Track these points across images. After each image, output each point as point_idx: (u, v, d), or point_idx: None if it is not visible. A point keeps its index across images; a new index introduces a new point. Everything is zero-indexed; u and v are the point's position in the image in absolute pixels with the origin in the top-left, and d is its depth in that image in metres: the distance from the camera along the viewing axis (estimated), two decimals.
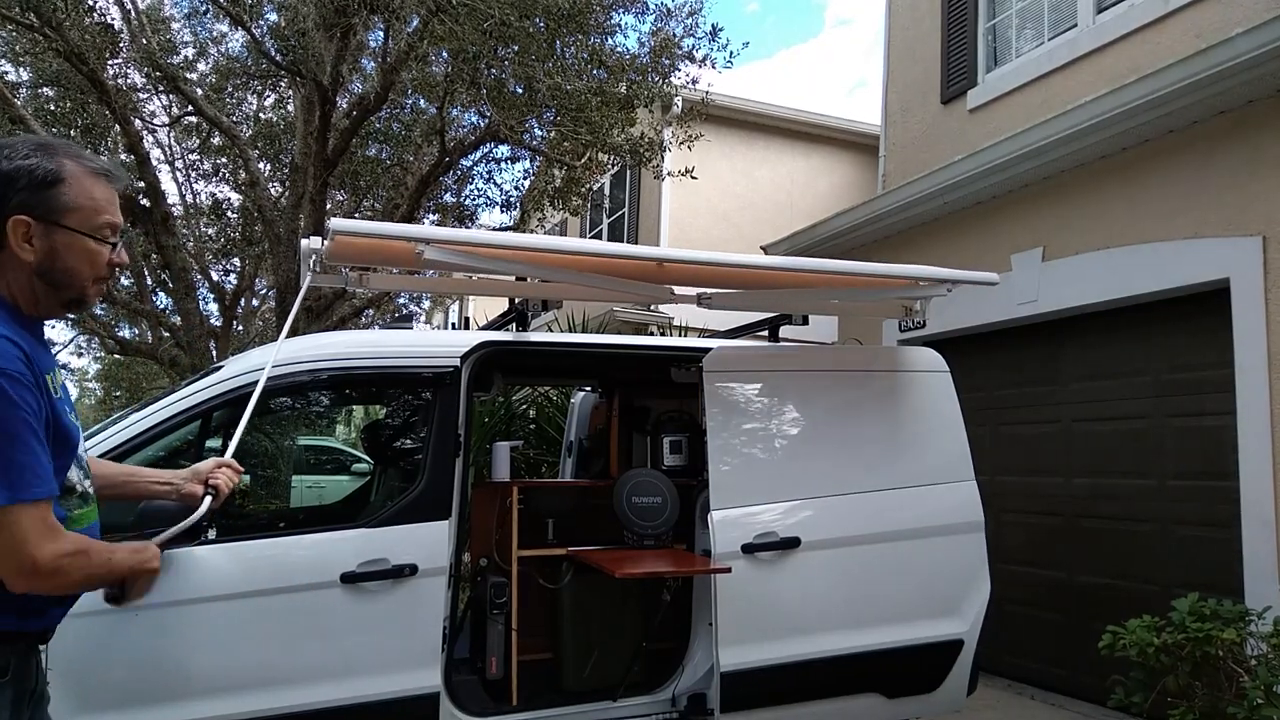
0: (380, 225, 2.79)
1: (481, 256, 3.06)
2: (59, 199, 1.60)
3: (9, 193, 1.57)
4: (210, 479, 2.05)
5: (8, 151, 1.59)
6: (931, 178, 6.18)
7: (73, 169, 1.62)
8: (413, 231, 2.91)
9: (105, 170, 1.69)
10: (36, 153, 1.61)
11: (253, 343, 13.60)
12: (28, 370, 1.50)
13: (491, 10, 6.24)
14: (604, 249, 3.37)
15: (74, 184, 1.62)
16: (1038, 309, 5.54)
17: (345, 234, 2.50)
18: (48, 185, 1.59)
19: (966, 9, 6.96)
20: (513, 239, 3.15)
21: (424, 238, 2.85)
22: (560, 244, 3.08)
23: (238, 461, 2.17)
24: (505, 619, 3.62)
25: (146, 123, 10.29)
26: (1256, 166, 4.45)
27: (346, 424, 19.24)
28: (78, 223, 1.62)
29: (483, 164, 10.75)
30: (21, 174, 1.58)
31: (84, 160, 1.66)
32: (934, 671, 3.67)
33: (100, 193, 1.66)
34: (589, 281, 3.35)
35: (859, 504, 3.62)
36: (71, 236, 1.61)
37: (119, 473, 2.10)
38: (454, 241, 2.98)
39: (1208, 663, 3.74)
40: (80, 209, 1.62)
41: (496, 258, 3.13)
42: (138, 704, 2.70)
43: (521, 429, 7.82)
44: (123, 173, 1.82)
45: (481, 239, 3.14)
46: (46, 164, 1.60)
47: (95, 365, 22.31)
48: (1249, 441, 4.40)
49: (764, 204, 11.25)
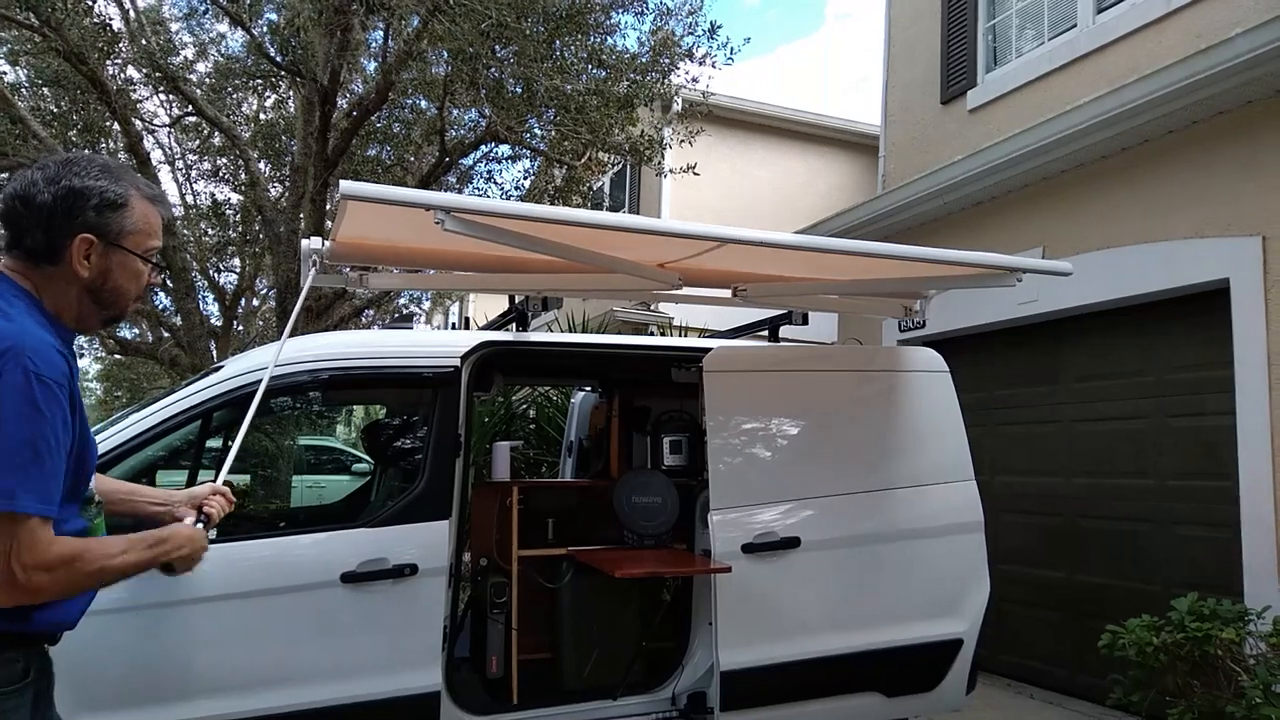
0: (395, 190, 2.43)
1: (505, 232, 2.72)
2: (123, 222, 1.68)
3: (77, 210, 1.62)
4: (205, 506, 2.07)
5: (77, 169, 1.65)
6: (931, 178, 6.19)
7: (135, 194, 1.70)
8: (431, 198, 2.49)
9: (158, 197, 1.78)
10: (105, 175, 1.67)
11: (253, 343, 13.60)
12: (68, 384, 1.54)
13: (489, 10, 6.24)
14: (648, 224, 2.94)
15: (136, 208, 1.70)
16: (1038, 309, 5.54)
17: (356, 198, 2.29)
18: (116, 208, 1.66)
19: (966, 9, 6.96)
20: (544, 210, 2.72)
21: (444, 205, 2.49)
22: (597, 218, 2.76)
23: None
24: (505, 619, 3.62)
25: (146, 123, 10.28)
26: (1256, 167, 4.45)
27: (346, 424, 19.24)
28: (133, 244, 1.70)
29: (483, 164, 10.76)
30: (93, 194, 1.64)
31: (142, 186, 1.74)
32: (934, 671, 3.67)
33: (154, 218, 1.75)
34: (600, 263, 3.18)
35: (859, 504, 3.62)
36: (126, 257, 1.69)
37: (118, 489, 2.12)
38: (477, 211, 2.58)
39: (1206, 662, 3.75)
40: (138, 232, 1.71)
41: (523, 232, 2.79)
42: (138, 704, 2.71)
43: (521, 429, 7.82)
44: (169, 200, 1.89)
45: (508, 209, 2.75)
46: (115, 188, 1.67)
47: (95, 365, 22.31)
48: (1249, 441, 4.40)
49: (764, 204, 11.24)
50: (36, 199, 1.61)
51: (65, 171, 1.63)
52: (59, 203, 1.61)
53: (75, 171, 1.63)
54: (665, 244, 3.14)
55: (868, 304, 4.27)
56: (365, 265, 3.75)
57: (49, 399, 1.49)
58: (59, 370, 1.52)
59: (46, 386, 1.48)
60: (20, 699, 1.56)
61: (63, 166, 1.64)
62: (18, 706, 1.55)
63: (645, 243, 3.14)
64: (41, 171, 1.64)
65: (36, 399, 1.47)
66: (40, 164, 1.67)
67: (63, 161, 1.66)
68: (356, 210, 2.56)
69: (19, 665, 1.56)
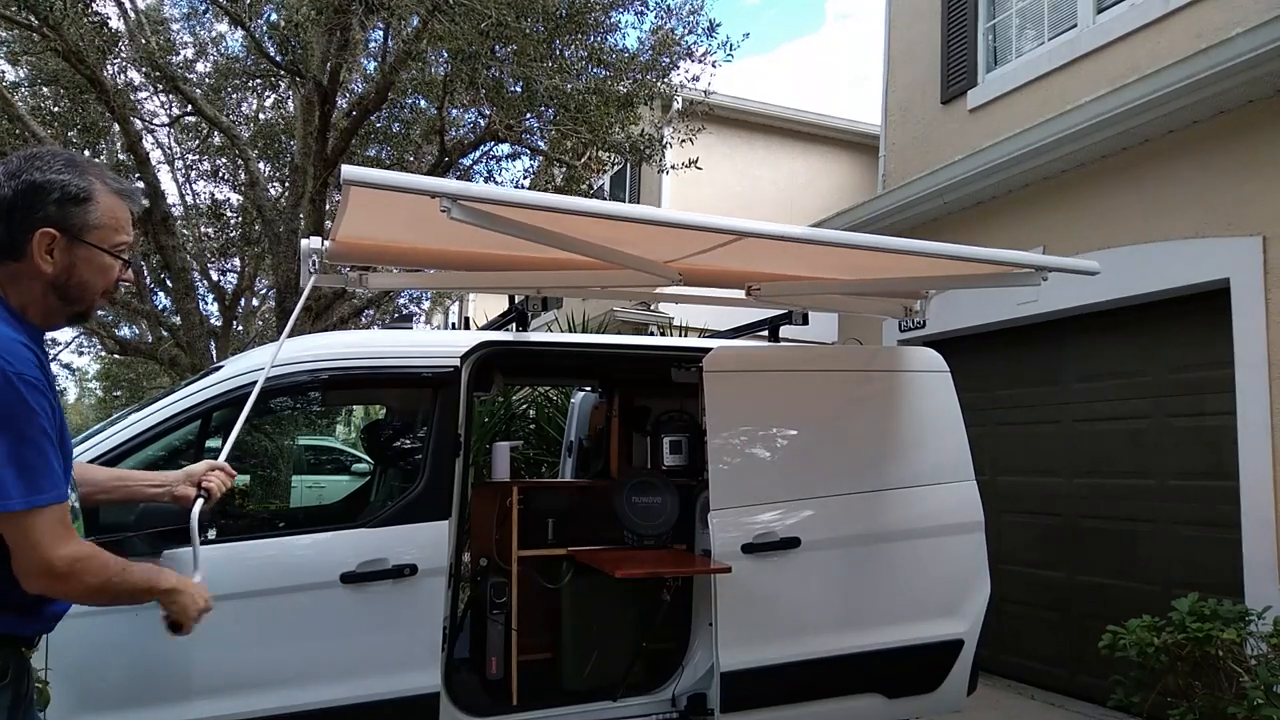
0: (399, 176, 2.35)
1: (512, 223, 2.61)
2: (86, 216, 1.64)
3: (38, 204, 1.60)
4: (204, 481, 2.07)
5: (39, 163, 1.62)
6: (931, 178, 6.18)
7: (100, 188, 1.67)
8: (437, 185, 2.39)
9: (126, 191, 1.74)
10: (68, 169, 1.64)
11: (253, 343, 13.60)
12: (43, 377, 1.54)
13: (489, 10, 6.24)
14: (664, 216, 2.79)
15: (101, 202, 1.66)
16: (1038, 309, 5.53)
17: (359, 184, 2.24)
18: (79, 202, 1.63)
19: (966, 9, 6.96)
20: (554, 199, 2.60)
21: (450, 193, 2.37)
22: (609, 208, 2.60)
23: (235, 463, 2.18)
24: (505, 619, 3.62)
25: (146, 123, 10.28)
26: (1256, 166, 4.45)
27: (346, 424, 19.24)
28: (98, 239, 1.66)
29: (483, 163, 10.76)
30: (54, 187, 1.61)
31: (109, 180, 1.70)
32: (934, 671, 3.67)
33: (121, 213, 1.71)
34: (608, 258, 3.11)
35: (859, 504, 3.61)
36: (91, 252, 1.66)
37: (109, 477, 2.11)
38: (485, 199, 2.46)
39: (1207, 663, 3.74)
40: (103, 227, 1.67)
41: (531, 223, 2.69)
42: (138, 704, 2.71)
43: (521, 429, 7.82)
44: (139, 194, 1.87)
45: (517, 197, 2.61)
46: (78, 181, 1.63)
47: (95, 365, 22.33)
48: (1249, 441, 4.40)
49: (764, 204, 11.24)
50: None
51: (27, 165, 1.61)
52: (19, 197, 1.59)
53: (37, 166, 1.61)
54: (675, 241, 3.09)
55: (869, 304, 4.25)
56: (365, 265, 3.74)
57: (34, 393, 1.50)
58: (30, 365, 1.52)
59: (27, 383, 1.49)
60: (0, 699, 1.55)
61: (25, 160, 1.62)
62: None
63: (655, 239, 3.08)
64: (4, 166, 1.62)
65: (24, 396, 1.48)
66: (4, 159, 1.65)
67: (26, 156, 1.64)
68: (359, 200, 2.52)
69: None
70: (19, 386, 1.47)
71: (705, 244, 3.08)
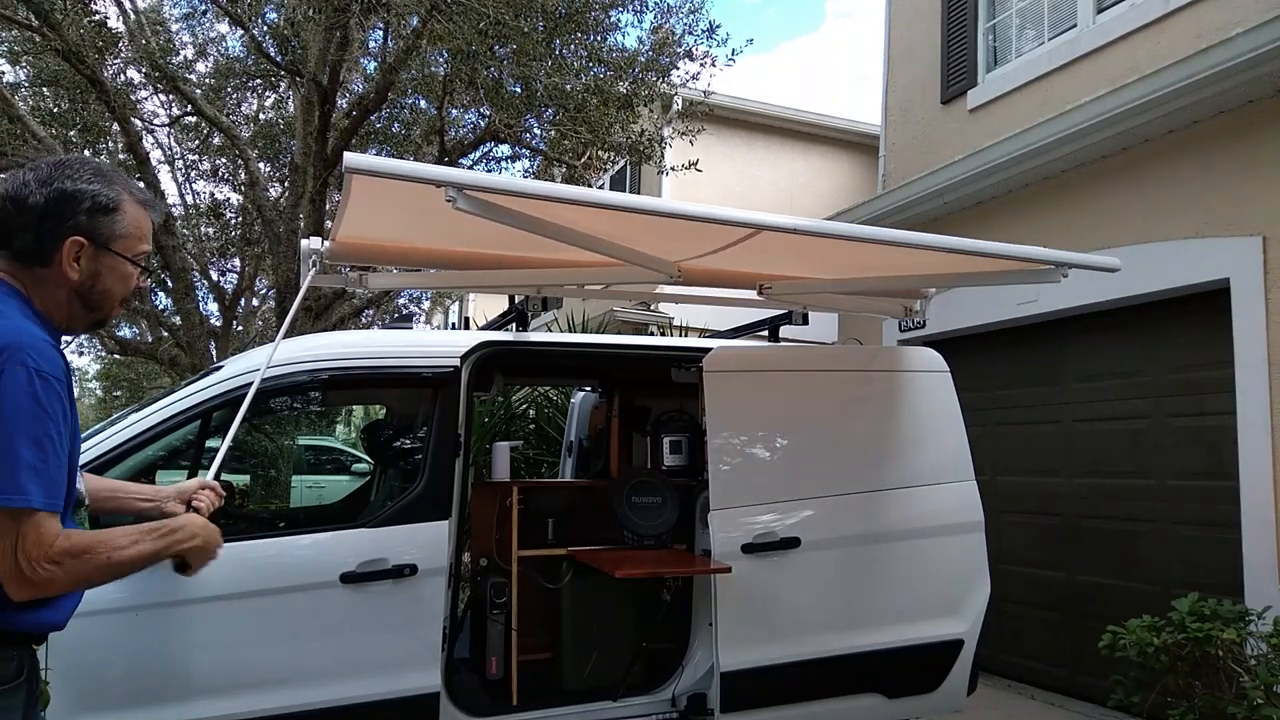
0: (403, 164, 2.28)
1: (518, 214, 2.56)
2: (114, 226, 1.68)
3: (69, 212, 1.63)
4: (193, 500, 2.06)
5: (69, 171, 1.65)
6: (931, 178, 6.18)
7: (127, 198, 1.71)
8: (442, 174, 2.32)
9: (150, 202, 1.79)
10: (98, 179, 1.67)
11: (253, 343, 13.59)
12: (66, 380, 1.55)
13: (488, 10, 6.24)
14: (679, 208, 2.67)
15: (128, 212, 1.70)
16: (1038, 309, 5.54)
17: (361, 172, 2.19)
18: (108, 212, 1.67)
19: (966, 9, 6.96)
20: (564, 190, 2.54)
21: (455, 182, 2.29)
22: (621, 200, 2.59)
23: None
24: (505, 619, 3.62)
25: (146, 123, 10.28)
26: (1256, 166, 4.45)
27: (346, 424, 19.23)
28: (123, 248, 1.70)
29: (483, 163, 10.74)
30: (85, 196, 1.64)
31: (134, 190, 1.74)
32: (934, 671, 3.67)
33: (145, 223, 1.76)
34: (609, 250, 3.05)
35: (859, 504, 3.61)
36: (116, 260, 1.70)
37: (103, 488, 2.11)
38: (491, 189, 2.38)
39: (1207, 663, 3.74)
40: (128, 236, 1.71)
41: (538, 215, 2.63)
42: (138, 704, 2.70)
43: (521, 429, 7.82)
44: (161, 205, 1.89)
45: (524, 187, 2.53)
46: (108, 191, 1.67)
47: (95, 365, 22.31)
48: (1249, 441, 4.40)
49: (764, 204, 11.23)
50: (28, 200, 1.60)
51: (58, 174, 1.63)
52: (51, 205, 1.61)
53: (68, 174, 1.63)
54: (687, 239, 3.04)
55: (873, 304, 4.25)
56: (365, 265, 3.74)
57: (50, 395, 1.50)
58: (58, 367, 1.53)
59: (47, 383, 1.49)
60: (14, 698, 1.55)
61: (55, 168, 1.64)
62: (11, 707, 1.54)
63: (666, 238, 3.03)
64: (34, 173, 1.63)
65: (39, 395, 1.48)
66: (33, 165, 1.66)
67: (56, 163, 1.66)
68: (361, 192, 2.50)
69: (13, 664, 1.56)
70: (37, 386, 1.48)
71: (720, 241, 3.03)
